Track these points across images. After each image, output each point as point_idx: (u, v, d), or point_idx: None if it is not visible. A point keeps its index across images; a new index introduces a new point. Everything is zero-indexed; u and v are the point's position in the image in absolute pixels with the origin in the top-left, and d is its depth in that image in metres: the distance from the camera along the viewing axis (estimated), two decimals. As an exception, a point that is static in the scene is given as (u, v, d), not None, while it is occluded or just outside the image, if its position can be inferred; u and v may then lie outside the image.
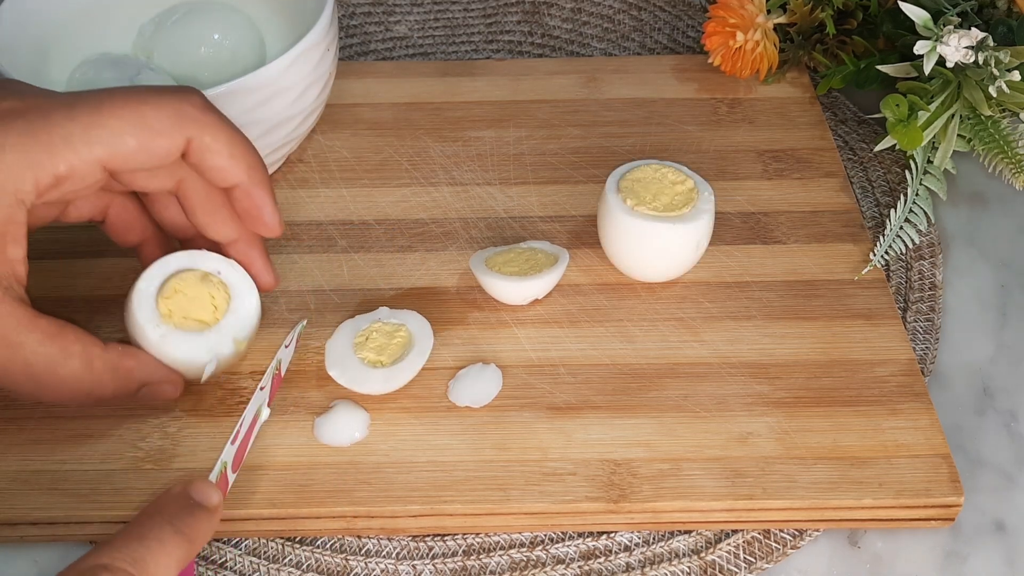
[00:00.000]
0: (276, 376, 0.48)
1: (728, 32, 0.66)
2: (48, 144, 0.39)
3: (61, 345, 0.41)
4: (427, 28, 0.76)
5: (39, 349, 0.40)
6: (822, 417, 0.48)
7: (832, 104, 0.68)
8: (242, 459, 0.45)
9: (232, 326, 0.46)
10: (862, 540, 0.47)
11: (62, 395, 0.42)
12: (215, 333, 0.46)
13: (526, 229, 0.58)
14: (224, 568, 0.46)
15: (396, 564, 0.46)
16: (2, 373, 0.40)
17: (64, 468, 0.47)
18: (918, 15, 0.59)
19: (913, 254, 0.58)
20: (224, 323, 0.46)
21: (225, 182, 0.44)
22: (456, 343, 0.52)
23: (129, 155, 0.40)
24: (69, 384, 0.41)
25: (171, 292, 0.45)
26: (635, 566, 0.46)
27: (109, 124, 0.40)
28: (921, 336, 0.54)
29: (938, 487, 0.46)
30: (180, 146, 0.42)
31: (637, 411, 0.49)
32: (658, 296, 0.54)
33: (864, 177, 0.63)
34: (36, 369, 0.40)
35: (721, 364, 0.51)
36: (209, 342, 0.46)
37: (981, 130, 0.59)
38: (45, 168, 0.39)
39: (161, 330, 0.45)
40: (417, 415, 0.49)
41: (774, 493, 0.46)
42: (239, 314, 0.47)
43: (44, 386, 0.41)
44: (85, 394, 0.42)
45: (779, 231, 0.58)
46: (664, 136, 0.64)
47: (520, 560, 0.46)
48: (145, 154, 0.41)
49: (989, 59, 0.57)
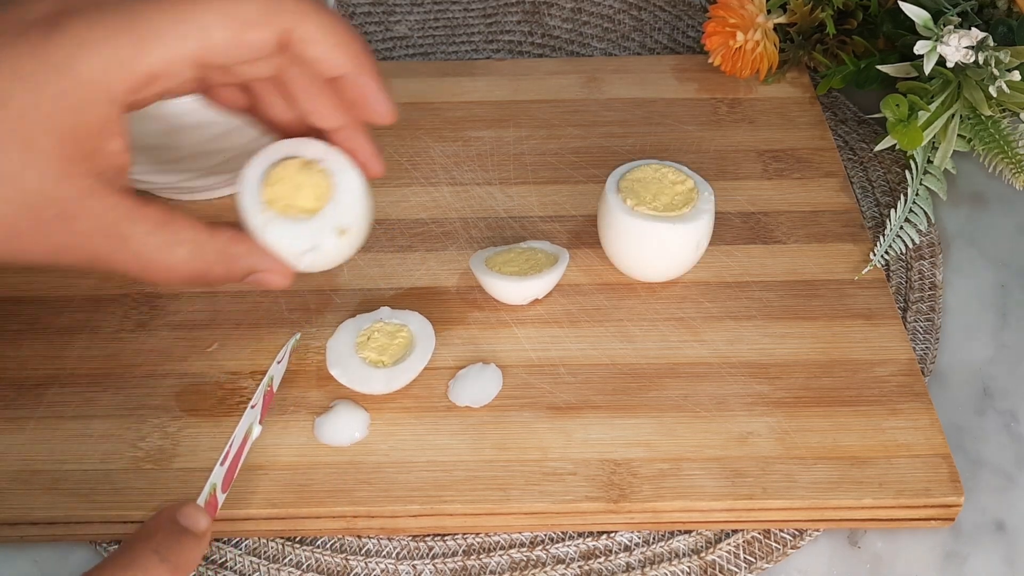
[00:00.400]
0: (268, 393, 0.47)
1: (728, 32, 0.66)
2: (138, 39, 0.37)
3: (170, 232, 0.40)
4: (427, 28, 0.76)
5: (148, 239, 0.39)
6: (822, 417, 0.48)
7: (832, 104, 0.68)
8: (232, 479, 0.44)
9: (334, 215, 0.44)
10: (862, 540, 0.47)
11: (171, 279, 0.41)
12: (317, 222, 0.43)
13: (526, 229, 0.58)
14: (224, 568, 0.46)
15: (396, 564, 0.46)
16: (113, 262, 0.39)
17: (64, 468, 0.47)
18: (918, 15, 0.59)
19: (913, 254, 0.58)
20: (326, 212, 0.44)
21: (329, 72, 0.42)
22: (456, 343, 0.52)
23: (221, 49, 0.39)
24: (179, 270, 0.41)
25: (274, 179, 0.44)
26: (635, 566, 0.46)
27: (198, 18, 0.38)
28: (921, 336, 0.54)
29: (938, 487, 0.46)
30: (275, 38, 0.40)
31: (637, 411, 0.49)
32: (658, 296, 0.54)
33: (864, 177, 0.63)
34: (146, 257, 0.39)
35: (721, 364, 0.51)
36: (311, 230, 0.43)
37: (981, 130, 0.60)
38: (136, 65, 0.37)
39: (264, 216, 0.43)
40: (417, 415, 0.49)
41: (774, 493, 0.46)
42: (342, 203, 0.44)
43: (154, 272, 0.40)
44: (194, 278, 0.41)
45: (779, 231, 0.58)
46: (664, 136, 0.64)
47: (520, 560, 0.46)
48: (238, 48, 0.39)
49: (989, 59, 0.57)
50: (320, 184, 0.43)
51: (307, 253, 0.43)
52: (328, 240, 0.43)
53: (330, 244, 0.44)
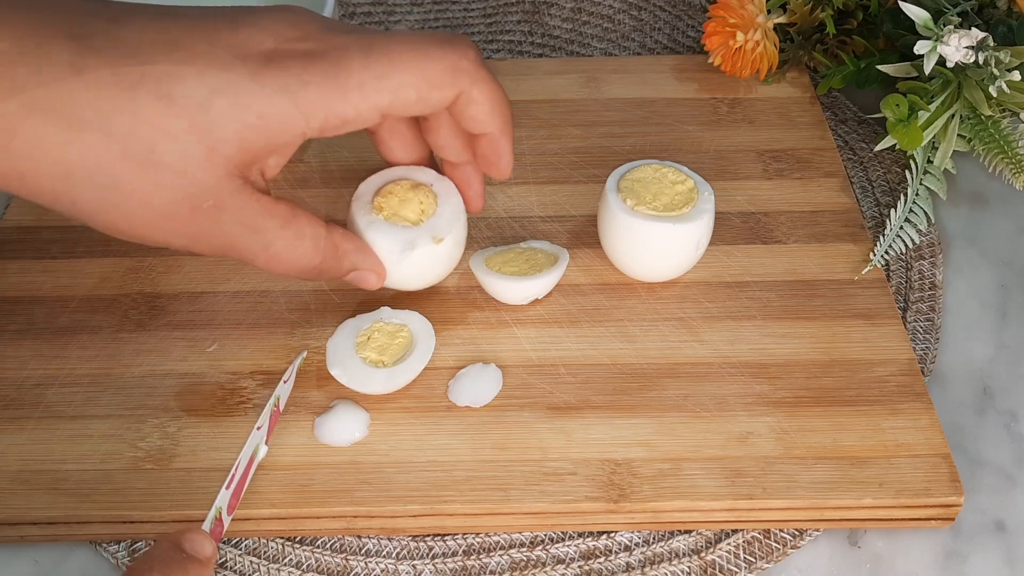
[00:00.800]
0: (274, 413, 0.48)
1: (728, 32, 0.66)
2: (344, 89, 0.42)
3: (295, 227, 0.45)
4: (427, 28, 0.76)
5: (278, 232, 0.44)
6: (822, 417, 0.48)
7: (832, 104, 0.68)
8: (238, 502, 0.45)
9: (433, 227, 0.50)
10: (862, 540, 0.47)
11: (291, 270, 0.46)
12: (416, 230, 0.49)
13: (526, 229, 0.58)
14: (224, 568, 0.46)
15: (396, 564, 0.46)
16: (245, 251, 0.44)
17: (64, 468, 0.47)
18: (918, 15, 0.59)
19: (913, 254, 0.58)
20: (427, 224, 0.50)
21: (478, 130, 0.47)
22: (456, 343, 0.52)
23: (408, 105, 0.44)
24: (299, 262, 0.46)
25: (385, 192, 0.50)
26: (635, 566, 0.46)
27: (397, 76, 0.43)
28: (921, 336, 0.54)
29: (938, 487, 0.46)
30: (452, 98, 0.45)
31: (637, 411, 0.49)
32: (658, 296, 0.54)
33: (864, 177, 0.63)
34: (274, 250, 0.45)
35: (721, 364, 0.51)
36: (410, 235, 0.49)
37: (981, 130, 0.59)
38: (336, 110, 0.43)
39: (370, 218, 0.49)
40: (417, 415, 0.49)
41: (774, 493, 0.46)
42: (442, 218, 0.50)
43: (278, 263, 0.45)
44: (309, 270, 0.47)
45: (779, 231, 0.58)
46: (664, 136, 0.64)
47: (520, 560, 0.46)
48: (421, 104, 0.45)
49: (989, 59, 0.57)
50: (425, 201, 0.50)
51: (404, 252, 0.49)
52: (424, 245, 0.49)
53: (425, 249, 0.49)
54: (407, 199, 0.50)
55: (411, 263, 0.49)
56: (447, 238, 0.50)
